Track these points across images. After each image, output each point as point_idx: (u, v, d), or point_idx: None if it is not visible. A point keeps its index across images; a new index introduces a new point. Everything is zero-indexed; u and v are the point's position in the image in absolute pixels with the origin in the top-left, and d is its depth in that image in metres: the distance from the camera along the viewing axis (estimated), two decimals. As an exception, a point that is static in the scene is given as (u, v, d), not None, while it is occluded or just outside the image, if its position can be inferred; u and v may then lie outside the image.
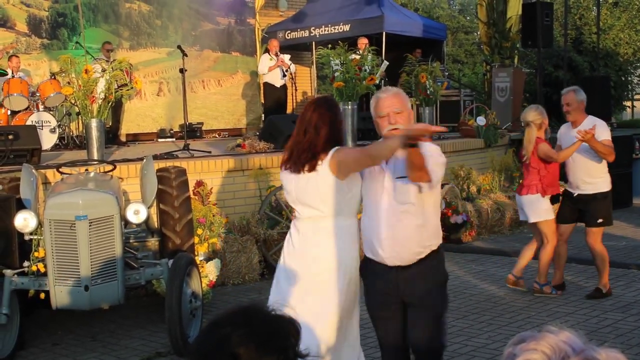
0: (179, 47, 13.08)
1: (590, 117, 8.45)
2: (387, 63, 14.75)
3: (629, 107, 26.02)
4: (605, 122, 8.75)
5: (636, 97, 26.11)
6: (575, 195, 8.50)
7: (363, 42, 15.65)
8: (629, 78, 23.37)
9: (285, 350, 2.00)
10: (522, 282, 8.77)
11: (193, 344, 2.19)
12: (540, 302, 8.34)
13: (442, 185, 11.96)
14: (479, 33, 24.65)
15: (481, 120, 14.29)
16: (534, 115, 8.41)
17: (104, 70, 9.94)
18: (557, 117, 15.43)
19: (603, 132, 8.24)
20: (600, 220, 8.41)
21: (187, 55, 12.79)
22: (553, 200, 8.59)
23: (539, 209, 8.48)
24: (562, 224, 8.65)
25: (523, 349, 1.38)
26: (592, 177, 8.38)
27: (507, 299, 8.53)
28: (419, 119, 14.52)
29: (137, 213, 7.30)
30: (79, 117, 12.80)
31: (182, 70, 12.40)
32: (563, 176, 8.72)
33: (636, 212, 14.28)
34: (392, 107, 4.69)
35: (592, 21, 21.50)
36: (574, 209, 8.58)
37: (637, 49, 23.30)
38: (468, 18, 44.07)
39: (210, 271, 8.56)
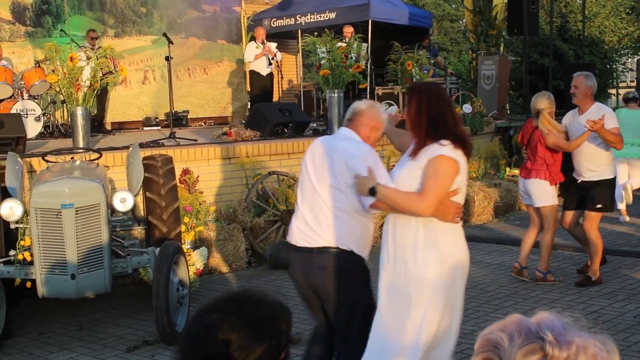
0: (164, 34, 13.03)
1: (598, 104, 8.52)
2: (367, 44, 14.72)
3: (613, 94, 26.09)
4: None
5: (621, 84, 26.22)
6: (579, 182, 8.53)
7: (349, 30, 15.63)
8: (614, 66, 23.43)
9: (277, 336, 1.99)
10: (526, 272, 8.77)
11: (184, 330, 2.18)
12: (526, 289, 8.37)
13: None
14: (464, 21, 24.66)
15: (467, 108, 14.29)
16: (546, 103, 8.43)
17: (89, 58, 9.89)
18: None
19: (611, 121, 8.23)
20: (599, 206, 8.43)
21: (172, 43, 12.75)
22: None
23: (546, 194, 8.53)
24: (566, 211, 8.72)
25: (486, 330, 1.38)
26: (596, 165, 8.40)
27: (494, 286, 8.55)
28: (404, 107, 14.48)
29: (123, 201, 7.28)
30: (64, 105, 12.72)
31: (167, 58, 12.35)
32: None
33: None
34: None
35: (577, 9, 21.53)
36: (578, 195, 8.62)
37: (622, 37, 23.37)
38: (453, 6, 44.08)
39: (197, 259, 8.55)
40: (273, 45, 16.50)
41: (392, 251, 4.61)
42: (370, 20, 17.39)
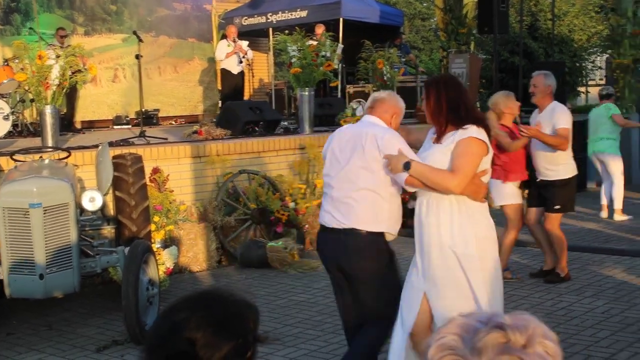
0: (134, 32, 12.96)
1: (554, 102, 8.46)
2: (342, 46, 14.67)
3: (583, 92, 26.24)
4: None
5: (590, 82, 26.42)
6: (538, 180, 8.57)
7: (320, 28, 15.63)
8: (583, 64, 23.58)
9: (244, 335, 1.99)
10: (508, 273, 8.66)
11: (150, 328, 2.17)
12: (496, 286, 8.40)
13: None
14: (435, 19, 24.70)
15: (438, 106, 14.32)
16: (500, 101, 8.44)
17: (58, 56, 9.81)
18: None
19: (560, 120, 8.22)
20: (557, 207, 8.45)
21: (142, 41, 12.68)
22: (525, 185, 8.69)
23: (502, 193, 8.53)
24: (529, 208, 8.77)
25: (434, 337, 1.40)
26: (553, 165, 8.40)
27: (464, 284, 8.58)
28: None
29: (92, 200, 7.24)
30: (33, 103, 12.63)
31: (137, 57, 12.28)
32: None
33: (590, 196, 14.44)
34: None
35: (547, 7, 21.64)
36: (537, 192, 8.66)
37: (591, 35, 23.50)
38: (425, 4, 44.17)
39: (167, 258, 8.52)
40: (244, 44, 16.48)
41: (427, 233, 4.83)
42: (341, 19, 17.42)
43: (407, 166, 4.74)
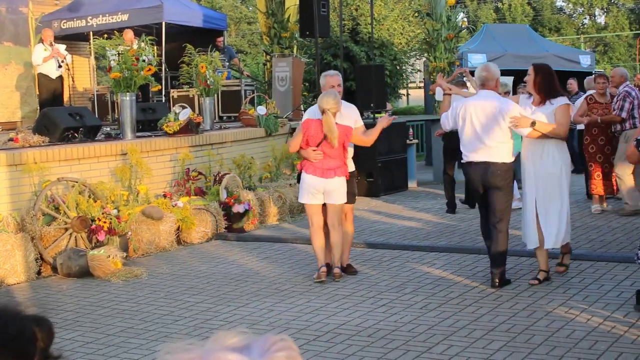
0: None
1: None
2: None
3: (404, 95, 27.04)
4: (383, 109, 9.20)
5: (410, 85, 27.26)
6: None
7: (128, 36, 15.24)
8: (403, 67, 24.32)
9: (30, 355, 1.94)
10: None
11: None
12: (319, 286, 8.54)
13: (224, 175, 11.99)
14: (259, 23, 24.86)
15: (261, 110, 14.44)
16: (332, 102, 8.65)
17: None
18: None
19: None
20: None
21: (-49, 46, 12.13)
22: None
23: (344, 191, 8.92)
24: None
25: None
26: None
27: (288, 285, 8.68)
28: (199, 109, 14.47)
29: None
30: None
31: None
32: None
33: (411, 195, 14.95)
34: None
35: (367, 12, 22.20)
36: None
37: (410, 39, 24.28)
38: (251, 8, 44.41)
39: (-19, 272, 8.17)
40: (62, 47, 16.04)
41: (537, 162, 8.07)
42: (163, 22, 17.25)
43: (533, 124, 7.80)
